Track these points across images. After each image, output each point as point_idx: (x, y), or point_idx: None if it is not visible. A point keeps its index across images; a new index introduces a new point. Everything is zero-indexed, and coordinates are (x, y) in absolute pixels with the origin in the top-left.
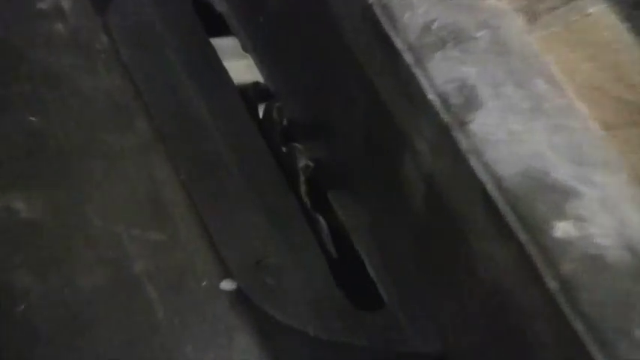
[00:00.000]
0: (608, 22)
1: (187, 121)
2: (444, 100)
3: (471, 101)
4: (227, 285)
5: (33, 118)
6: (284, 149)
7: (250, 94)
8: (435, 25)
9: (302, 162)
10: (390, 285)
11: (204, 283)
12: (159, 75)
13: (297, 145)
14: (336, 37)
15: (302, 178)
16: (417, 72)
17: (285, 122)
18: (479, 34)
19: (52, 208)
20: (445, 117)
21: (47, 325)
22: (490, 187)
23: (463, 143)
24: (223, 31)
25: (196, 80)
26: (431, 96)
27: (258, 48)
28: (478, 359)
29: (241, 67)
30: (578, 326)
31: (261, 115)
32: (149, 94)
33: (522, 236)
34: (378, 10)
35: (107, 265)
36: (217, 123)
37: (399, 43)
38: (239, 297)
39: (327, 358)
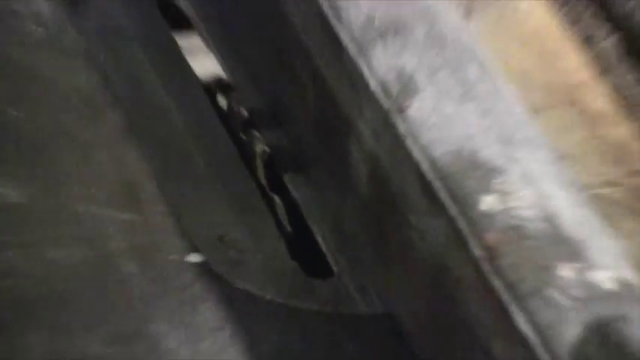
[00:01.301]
0: (538, 15)
1: (154, 112)
2: (385, 87)
3: (408, 88)
4: (193, 258)
5: (15, 112)
6: (243, 137)
7: (212, 86)
8: (376, 19)
9: (259, 148)
10: (339, 256)
11: (173, 257)
12: (128, 71)
13: (255, 132)
14: (288, 31)
15: (260, 163)
16: (360, 62)
17: (244, 112)
18: (417, 27)
19: (35, 193)
20: (385, 103)
21: (31, 297)
22: (425, 167)
23: (401, 127)
24: (187, 27)
25: (162, 75)
26: (372, 84)
27: (217, 44)
28: (417, 317)
29: (205, 63)
30: (499, 287)
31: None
32: (119, 88)
33: (452, 210)
34: (324, 5)
35: (84, 243)
36: (182, 113)
37: (343, 36)
38: (204, 269)
39: (283, 321)
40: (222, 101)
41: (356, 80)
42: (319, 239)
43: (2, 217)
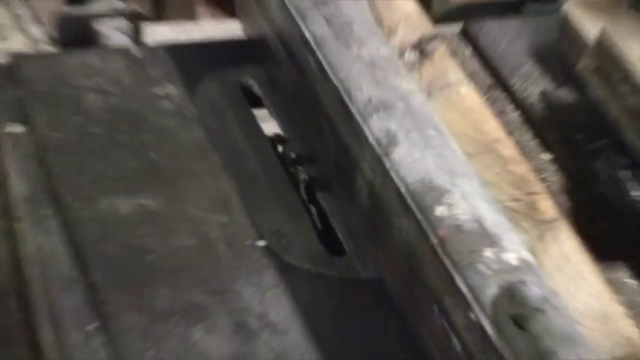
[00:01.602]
0: (471, 97)
1: (239, 154)
2: (378, 141)
3: (392, 142)
4: (261, 243)
5: (153, 154)
6: (292, 170)
7: (274, 139)
8: (373, 99)
9: (301, 176)
10: (349, 242)
11: (248, 242)
12: (223, 130)
13: (299, 167)
14: (319, 106)
15: (302, 185)
16: (363, 125)
17: (292, 155)
18: (398, 104)
19: (164, 202)
20: (378, 150)
21: (161, 266)
22: (402, 189)
23: (387, 165)
24: (259, 104)
25: (244, 132)
26: (370, 139)
27: (277, 114)
28: (397, 283)
29: (270, 125)
30: (447, 263)
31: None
32: (218, 140)
33: (418, 215)
34: (341, 90)
35: (194, 234)
36: (256, 155)
37: (353, 109)
38: (267, 250)
39: (313, 282)
40: (279, 148)
41: (360, 136)
42: (338, 233)
43: (146, 217)
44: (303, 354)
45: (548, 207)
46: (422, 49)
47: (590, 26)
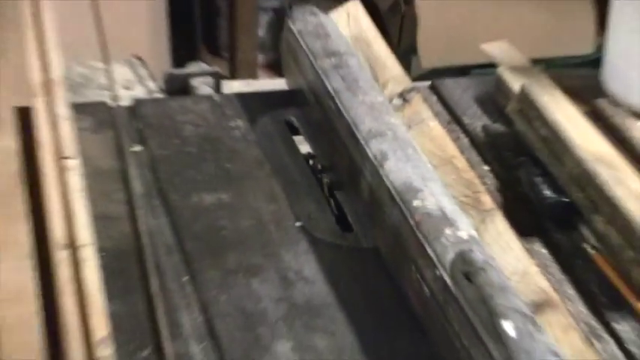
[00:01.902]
0: (436, 128)
1: (283, 165)
2: (375, 157)
3: (384, 157)
4: (297, 224)
5: (227, 165)
6: (319, 176)
7: (307, 157)
8: (371, 130)
9: (325, 180)
10: (357, 224)
11: (289, 223)
12: (272, 150)
13: (323, 174)
14: (337, 136)
15: (325, 186)
16: (365, 147)
17: (319, 166)
18: (388, 133)
19: (234, 197)
20: (375, 162)
21: (233, 240)
22: (391, 189)
23: (381, 172)
24: (297, 133)
25: (286, 152)
26: (370, 155)
27: (311, 139)
28: (388, 251)
29: (305, 147)
30: (420, 237)
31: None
32: (269, 156)
33: (402, 206)
34: (349, 120)
35: (252, 218)
36: (294, 167)
37: (359, 136)
38: (303, 229)
39: (333, 250)
40: (310, 161)
41: (363, 154)
42: (348, 217)
43: (222, 206)
44: (325, 297)
45: (487, 201)
46: (404, 97)
47: (515, 83)
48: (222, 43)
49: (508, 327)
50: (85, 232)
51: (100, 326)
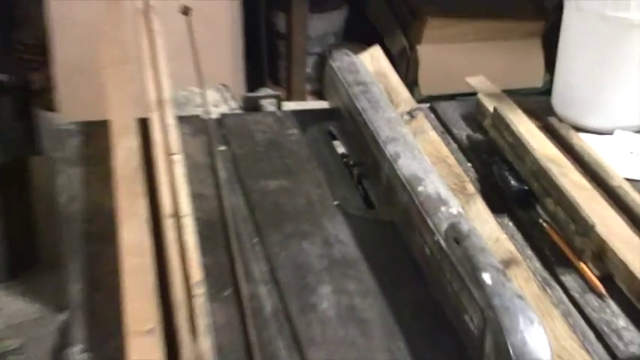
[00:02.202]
0: (434, 137)
1: (325, 161)
2: (391, 156)
3: (397, 156)
4: (335, 202)
5: (287, 160)
6: (351, 169)
7: (342, 155)
8: (388, 137)
9: (355, 172)
10: (378, 202)
11: (330, 203)
12: (319, 150)
13: (354, 168)
14: (364, 140)
15: (355, 176)
16: (384, 149)
17: (351, 162)
18: (400, 139)
19: (292, 183)
20: (390, 159)
21: (290, 214)
22: (402, 178)
23: (395, 167)
24: (335, 139)
25: (329, 152)
26: (387, 155)
27: (345, 143)
28: (400, 222)
29: (341, 149)
30: (423, 212)
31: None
32: (316, 155)
33: (410, 191)
34: (373, 130)
35: (306, 198)
36: (333, 162)
37: (379, 141)
38: (339, 206)
39: (361, 221)
40: (345, 160)
41: (382, 153)
42: (372, 198)
43: (282, 190)
44: (354, 255)
45: (470, 188)
46: (411, 114)
47: (489, 105)
48: (281, 76)
49: (486, 277)
50: (185, 206)
51: (196, 273)
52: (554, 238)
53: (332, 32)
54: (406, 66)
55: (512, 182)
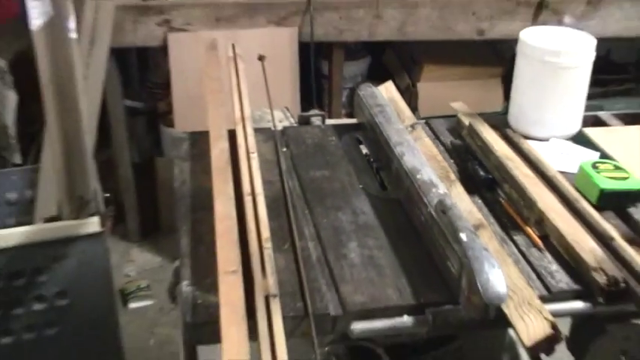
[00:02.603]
0: (427, 141)
1: (354, 158)
2: (399, 154)
3: (402, 154)
4: (360, 186)
5: (328, 158)
6: (372, 165)
7: (366, 154)
8: (397, 141)
9: (374, 166)
10: (389, 186)
11: (357, 186)
12: (349, 151)
13: (374, 163)
14: (380, 144)
15: (374, 169)
16: (394, 149)
17: (372, 159)
18: (405, 143)
19: (330, 173)
20: (399, 157)
21: (328, 193)
22: (406, 170)
23: (401, 162)
24: (361, 144)
25: (355, 152)
26: (396, 154)
27: (368, 146)
28: (406, 201)
29: (365, 150)
30: (420, 193)
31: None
32: (347, 154)
33: (412, 178)
34: (388, 139)
35: (340, 184)
36: (359, 159)
37: (391, 145)
38: (363, 189)
39: (379, 200)
40: (367, 157)
41: (393, 153)
42: (385, 182)
43: (324, 178)
44: (373, 222)
45: (452, 176)
46: (413, 127)
47: (466, 121)
48: (324, 102)
49: (463, 236)
50: (258, 187)
51: (265, 232)
52: (509, 210)
53: (359, 73)
54: (409, 97)
55: (481, 173)
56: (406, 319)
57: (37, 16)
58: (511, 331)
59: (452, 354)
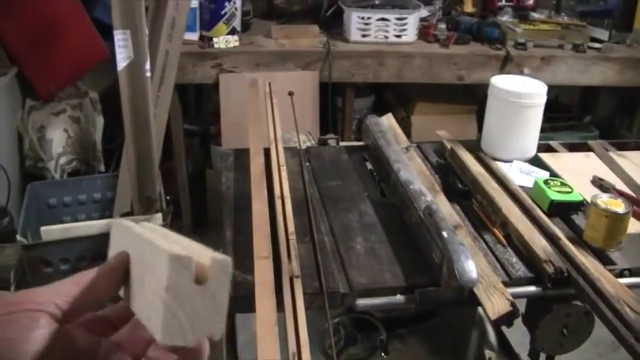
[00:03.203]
0: (418, 161)
1: (361, 172)
2: (396, 170)
3: (399, 170)
4: (365, 194)
5: (342, 171)
6: (374, 176)
7: (370, 170)
8: (395, 160)
9: (377, 178)
10: (388, 194)
11: (362, 194)
12: (357, 166)
13: (377, 175)
14: (382, 161)
15: (376, 181)
16: (393, 166)
17: (375, 173)
18: (401, 161)
19: (343, 183)
20: (396, 171)
21: (342, 198)
22: (402, 182)
23: (398, 175)
24: (366, 161)
25: (362, 168)
26: (395, 169)
27: (372, 163)
28: (400, 204)
29: (369, 166)
30: (412, 199)
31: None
32: (355, 168)
33: (406, 188)
34: (388, 158)
35: (349, 191)
36: (365, 174)
37: (391, 162)
38: (368, 196)
39: (380, 204)
40: (372, 172)
41: (391, 169)
42: (385, 192)
43: (338, 187)
44: (375, 221)
45: (437, 188)
46: (407, 149)
47: (448, 145)
48: (338, 129)
49: (444, 234)
50: (286, 192)
51: (291, 227)
52: (480, 215)
53: (366, 107)
54: (405, 127)
55: (459, 185)
56: (399, 298)
57: (122, 60)
58: (480, 310)
59: (434, 327)
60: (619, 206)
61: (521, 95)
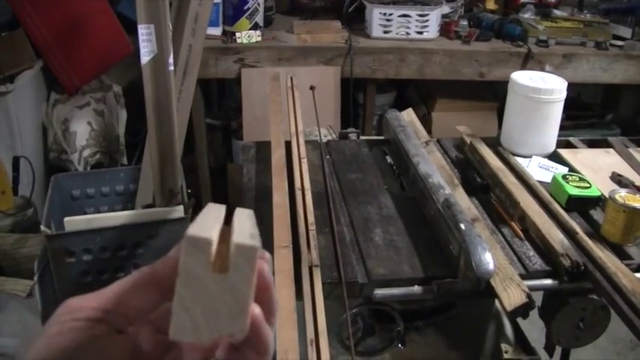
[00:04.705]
0: (438, 155)
1: (381, 166)
2: (416, 163)
3: (419, 164)
4: (385, 187)
5: (362, 164)
6: (394, 170)
7: (390, 164)
8: (415, 153)
9: (397, 172)
10: (408, 187)
11: (382, 187)
12: (377, 159)
13: (396, 169)
14: (401, 155)
15: (396, 174)
16: (413, 159)
17: (394, 167)
18: (420, 155)
19: (363, 176)
20: (415, 164)
21: (361, 191)
22: (421, 176)
23: (418, 169)
24: (386, 155)
25: (382, 161)
26: (414, 162)
27: (392, 157)
28: (420, 197)
29: (389, 160)
30: (431, 192)
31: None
32: (376, 162)
33: (425, 182)
34: (408, 151)
35: (369, 184)
36: (385, 167)
37: (410, 155)
38: (387, 188)
39: (399, 197)
40: (391, 165)
41: (411, 162)
42: (404, 184)
43: (357, 180)
44: (394, 214)
45: (456, 182)
46: (427, 143)
47: (468, 140)
48: (359, 124)
49: (462, 226)
50: (307, 184)
51: (311, 218)
52: (498, 209)
53: (387, 104)
54: (425, 123)
55: (478, 180)
56: (416, 289)
57: (145, 54)
58: (497, 304)
59: (451, 320)
60: (637, 201)
61: (541, 91)
